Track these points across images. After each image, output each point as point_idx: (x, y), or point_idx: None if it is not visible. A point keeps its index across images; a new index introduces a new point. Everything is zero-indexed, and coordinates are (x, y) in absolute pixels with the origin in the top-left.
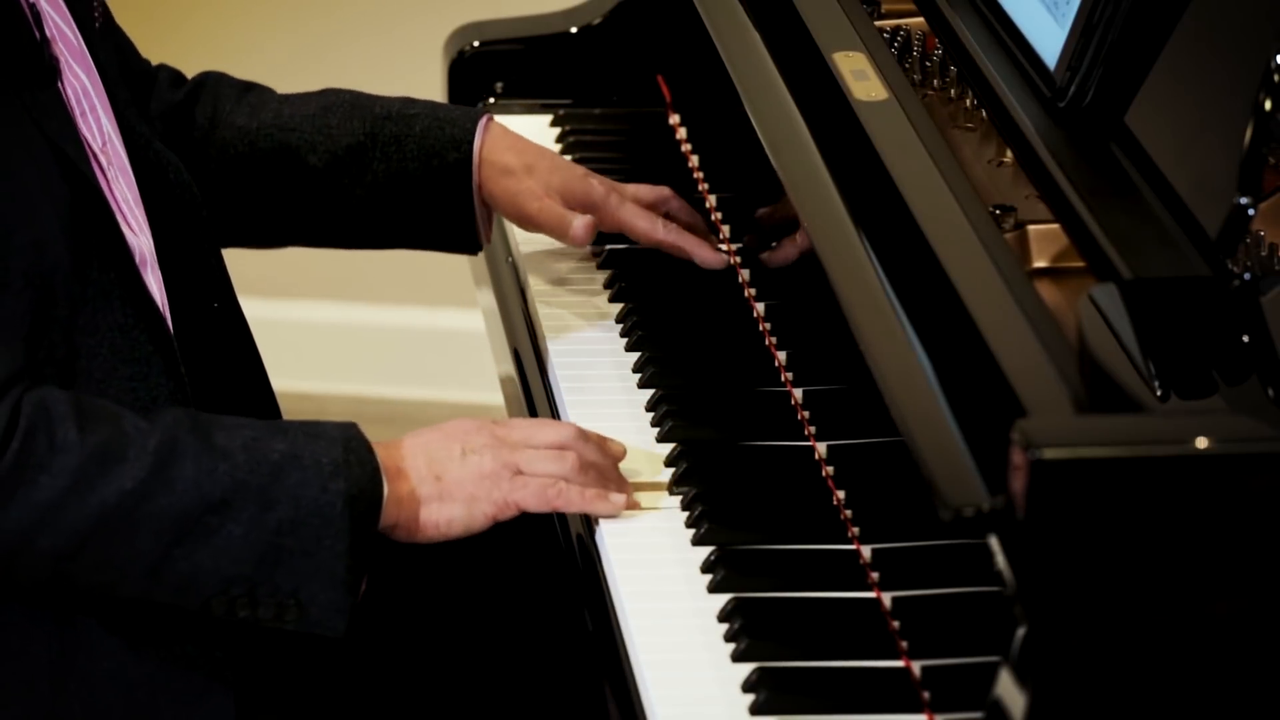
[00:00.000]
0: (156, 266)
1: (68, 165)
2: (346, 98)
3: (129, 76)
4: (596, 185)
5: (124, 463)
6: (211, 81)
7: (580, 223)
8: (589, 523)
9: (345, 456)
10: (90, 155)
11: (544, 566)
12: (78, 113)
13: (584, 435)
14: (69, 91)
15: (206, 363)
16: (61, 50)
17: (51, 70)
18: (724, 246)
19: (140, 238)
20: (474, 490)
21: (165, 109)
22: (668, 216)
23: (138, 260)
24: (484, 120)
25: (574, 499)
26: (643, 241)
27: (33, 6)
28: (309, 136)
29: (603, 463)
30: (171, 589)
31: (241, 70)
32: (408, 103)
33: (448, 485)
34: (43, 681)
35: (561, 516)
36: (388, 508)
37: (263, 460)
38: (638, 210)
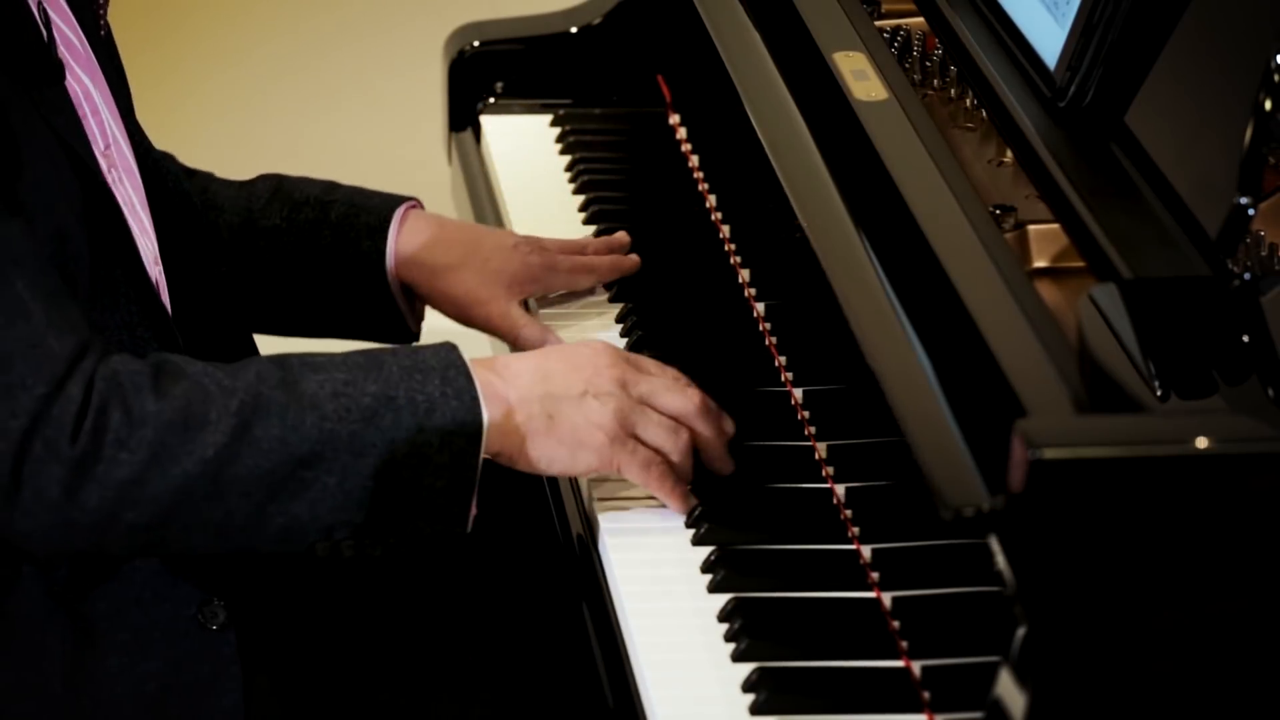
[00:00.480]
0: (161, 269)
1: (77, 162)
2: (271, 184)
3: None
4: (529, 254)
5: (205, 427)
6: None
7: (538, 344)
8: (589, 523)
9: (442, 389)
10: (95, 155)
11: (544, 566)
12: (81, 114)
13: (706, 408)
14: (73, 93)
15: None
16: (67, 54)
17: (58, 68)
18: (726, 248)
19: (144, 239)
20: (585, 437)
21: None
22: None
23: (144, 259)
24: (403, 209)
25: (667, 486)
26: (586, 287)
27: (41, 7)
28: (230, 217)
29: (716, 441)
30: (273, 540)
31: (242, 70)
32: (330, 188)
33: (559, 425)
34: (56, 678)
35: (562, 515)
36: (491, 436)
37: (354, 406)
38: (574, 265)
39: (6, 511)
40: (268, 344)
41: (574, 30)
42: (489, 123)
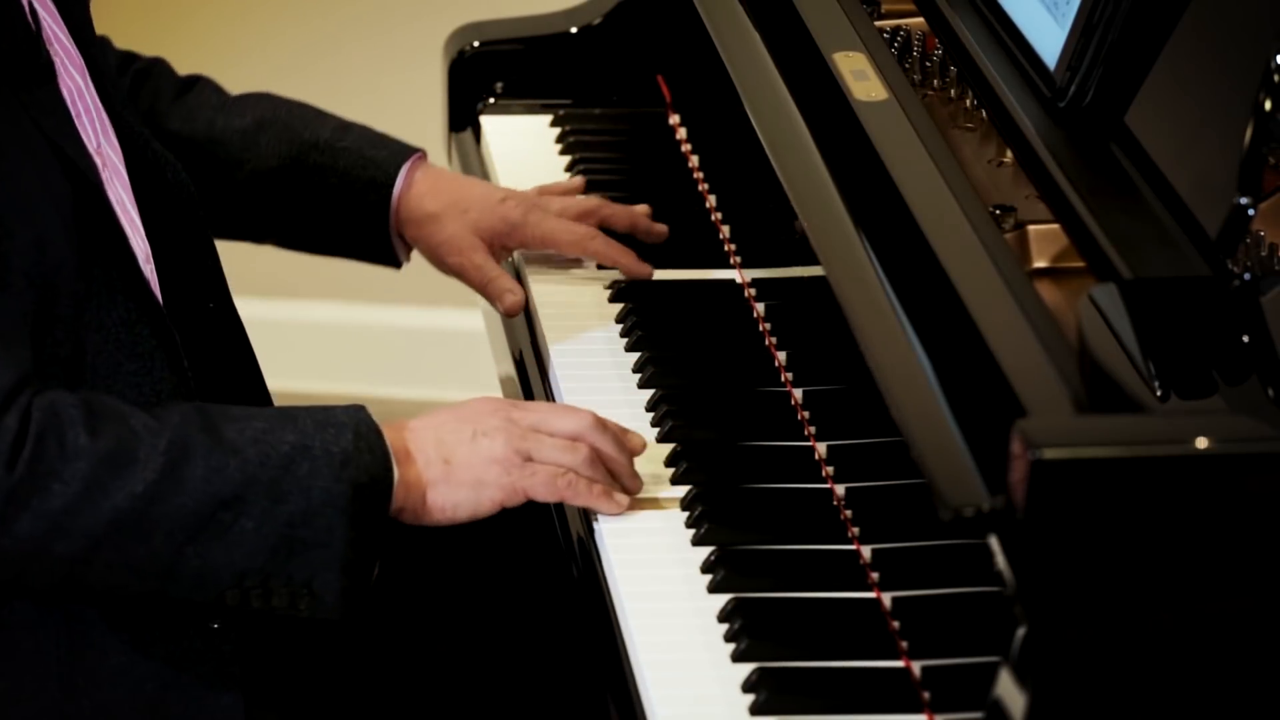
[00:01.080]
0: (153, 266)
1: (68, 163)
2: (282, 115)
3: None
4: (512, 208)
5: (135, 465)
6: (155, 74)
7: (509, 303)
8: (589, 522)
9: (355, 444)
10: (87, 151)
11: (544, 566)
12: (75, 113)
13: (602, 425)
14: (64, 92)
15: (203, 362)
16: (57, 51)
17: (48, 67)
18: (726, 248)
19: (136, 239)
20: (482, 475)
21: None
22: (603, 224)
23: (137, 255)
24: (409, 163)
25: (581, 492)
26: (570, 254)
27: (31, 6)
28: (236, 153)
29: (617, 456)
30: (186, 586)
31: (242, 70)
32: (340, 131)
33: (455, 469)
34: (51, 679)
35: (561, 515)
36: (397, 490)
37: (273, 453)
38: (559, 224)
39: None
40: (274, 329)
41: (574, 30)
42: (489, 123)
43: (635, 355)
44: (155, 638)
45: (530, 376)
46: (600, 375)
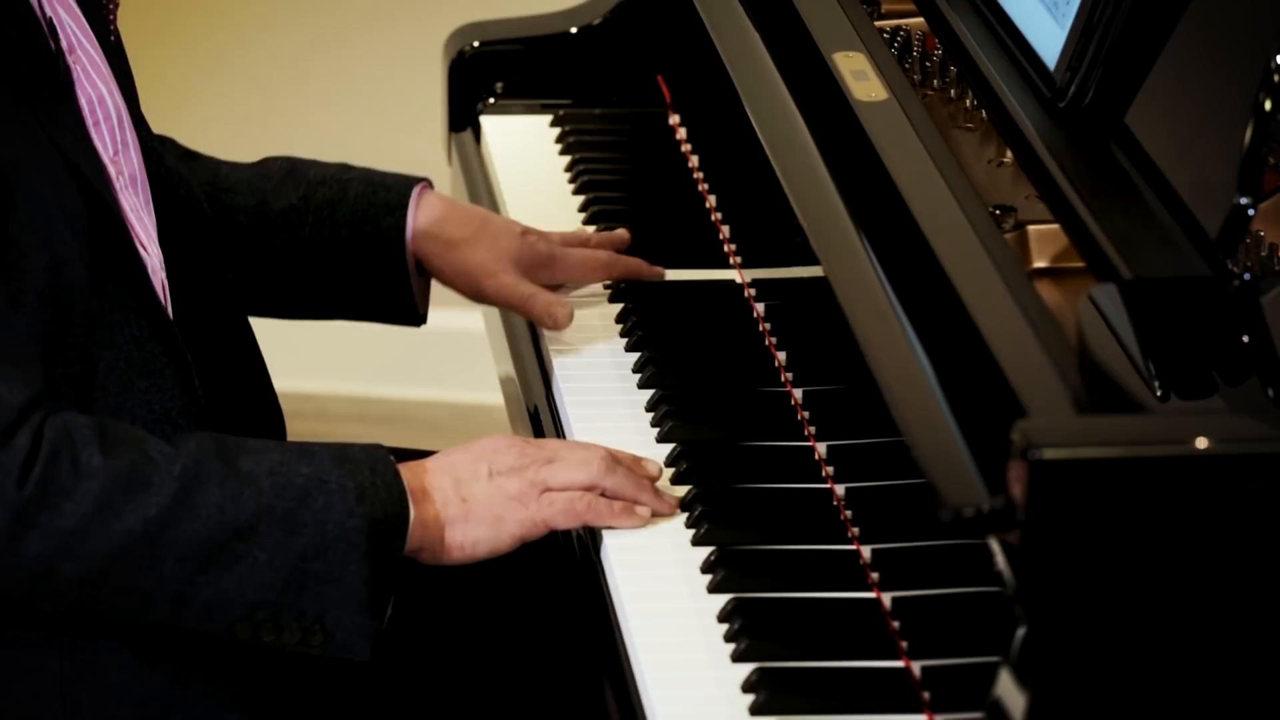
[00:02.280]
0: (164, 275)
1: (83, 181)
2: (283, 165)
3: None
4: (537, 243)
5: (148, 489)
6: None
7: (561, 315)
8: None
9: (371, 480)
10: (103, 166)
11: (544, 566)
12: (90, 123)
13: (614, 457)
14: (83, 101)
15: (213, 372)
16: (80, 58)
17: (66, 85)
18: (726, 248)
19: (150, 247)
20: (500, 511)
21: None
22: (611, 276)
23: (150, 271)
24: (419, 187)
25: (603, 512)
26: (598, 281)
27: (49, 20)
28: (243, 199)
29: (635, 471)
30: (196, 615)
31: (243, 70)
32: (344, 168)
33: (473, 507)
34: (55, 698)
35: None
36: (413, 530)
37: (288, 485)
38: (583, 257)
39: None
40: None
41: (574, 30)
42: (489, 123)
43: (635, 355)
44: (160, 657)
45: (530, 377)
46: (600, 375)
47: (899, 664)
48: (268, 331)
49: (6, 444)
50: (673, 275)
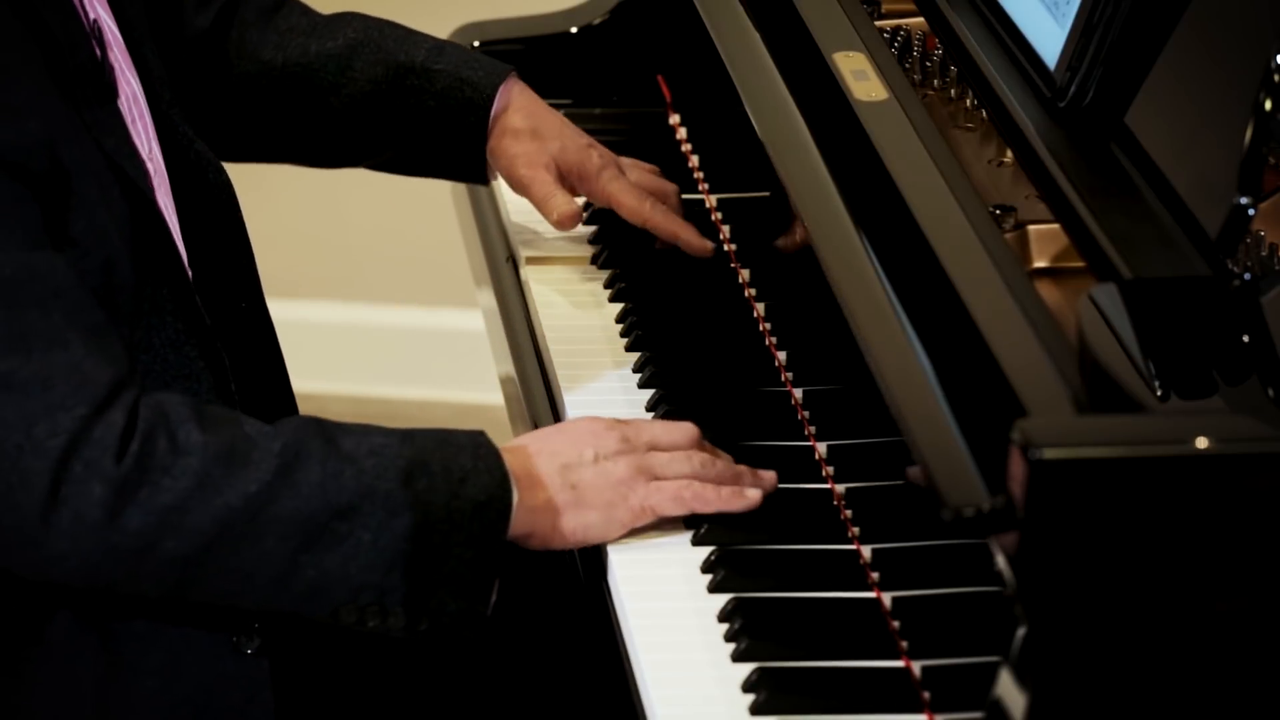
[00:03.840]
0: (190, 275)
1: (127, 183)
2: (374, 36)
3: (153, 4)
4: (595, 157)
5: (248, 465)
6: (241, 2)
7: (562, 212)
8: None
9: (474, 464)
10: (143, 167)
11: (543, 566)
12: (129, 122)
13: (699, 436)
14: (122, 101)
15: (241, 371)
16: (115, 55)
17: (110, 88)
18: (725, 248)
19: (179, 245)
20: (611, 497)
21: (192, 36)
22: (650, 226)
23: (186, 269)
24: (505, 84)
25: (710, 498)
26: (629, 219)
27: (94, 22)
28: (332, 78)
29: (723, 462)
30: (300, 597)
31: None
32: (434, 53)
33: (584, 493)
34: (87, 701)
35: None
36: (520, 516)
37: (390, 466)
38: (628, 187)
39: (42, 532)
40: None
41: (574, 30)
42: None
43: (635, 355)
44: (190, 661)
45: (530, 376)
46: (600, 375)
47: (899, 664)
48: None
49: (100, 419)
50: (672, 275)
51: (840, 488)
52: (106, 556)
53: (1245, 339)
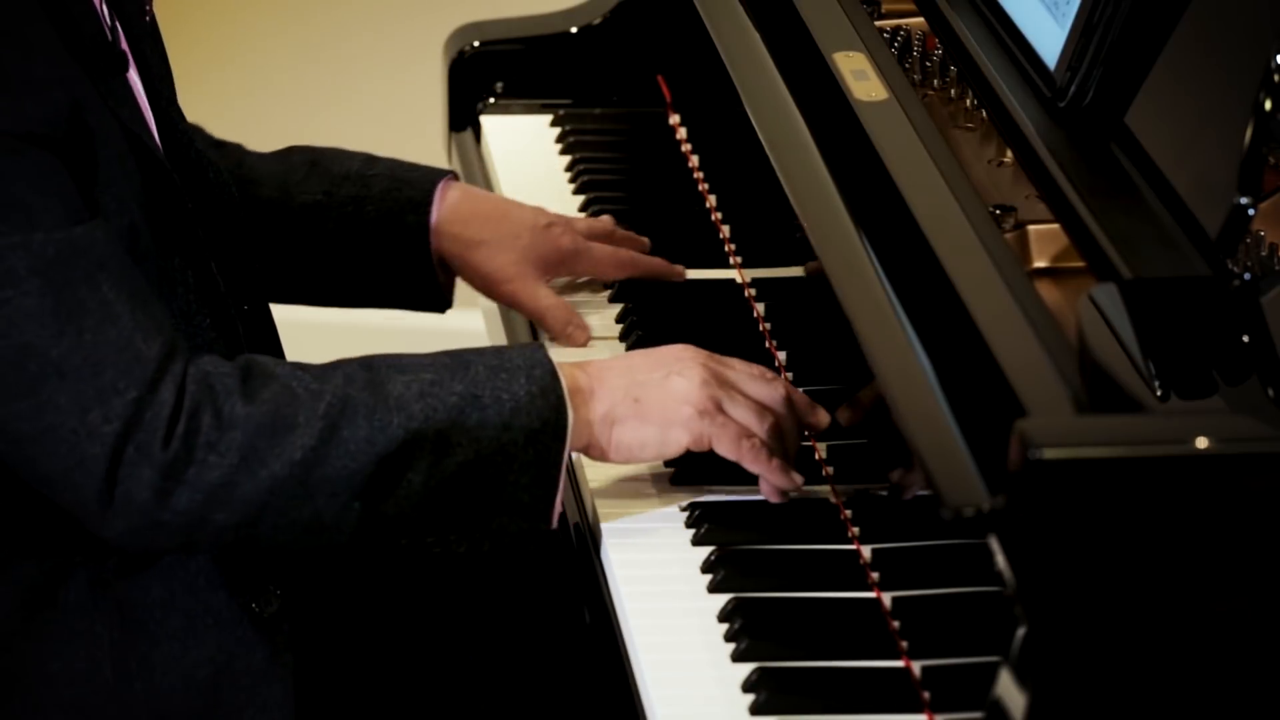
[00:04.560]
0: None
1: (143, 152)
2: (307, 157)
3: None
4: (559, 237)
5: (293, 430)
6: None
7: (578, 340)
8: (590, 523)
9: (529, 388)
10: (158, 142)
11: (544, 566)
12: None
13: (791, 400)
14: (131, 82)
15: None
16: (121, 39)
17: (123, 57)
18: (726, 248)
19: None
20: (673, 415)
21: None
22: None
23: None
24: (443, 183)
25: (762, 459)
26: (614, 278)
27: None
28: (267, 191)
29: (796, 437)
30: (360, 539)
31: (242, 69)
32: (368, 162)
33: (646, 407)
34: (105, 662)
35: (562, 516)
36: (578, 429)
37: (440, 406)
38: (603, 256)
39: (98, 511)
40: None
41: (574, 30)
42: (489, 123)
43: None
44: (208, 625)
45: None
46: None
47: (899, 664)
48: None
49: (151, 400)
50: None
51: (840, 488)
52: (159, 532)
53: (1245, 339)
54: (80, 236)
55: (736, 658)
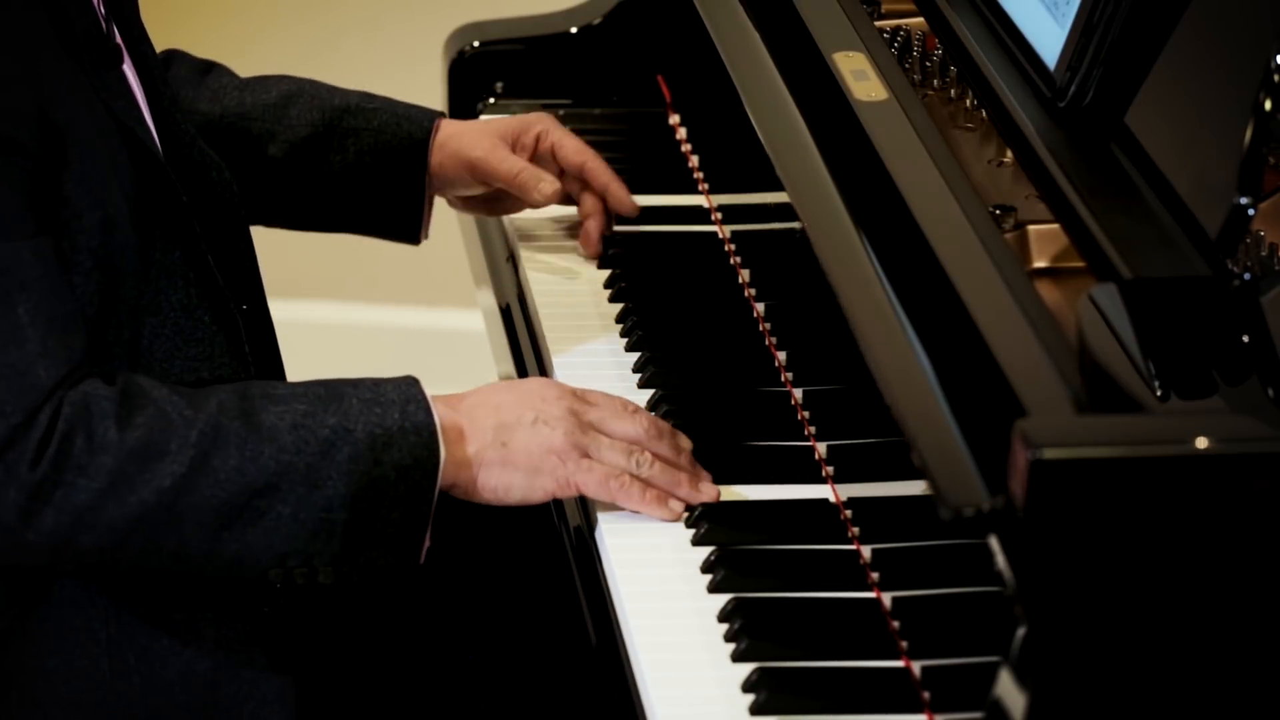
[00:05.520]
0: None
1: (136, 145)
2: (307, 87)
3: None
4: (532, 119)
5: (164, 458)
6: (175, 61)
7: (545, 193)
8: (590, 523)
9: (400, 424)
10: (151, 132)
11: (544, 566)
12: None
13: (658, 431)
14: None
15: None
16: (115, 34)
17: (117, 51)
18: (726, 248)
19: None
20: (539, 462)
21: None
22: (586, 174)
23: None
24: (440, 120)
25: (635, 496)
26: (570, 158)
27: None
28: (269, 126)
29: (676, 461)
30: (224, 568)
31: (242, 70)
32: (367, 97)
33: (512, 452)
34: (101, 657)
35: (561, 514)
36: (446, 469)
37: (311, 438)
38: (569, 136)
39: None
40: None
41: (574, 30)
42: None
43: (635, 355)
44: (207, 619)
45: (530, 376)
46: (600, 375)
47: (899, 664)
48: None
49: (29, 425)
50: (672, 275)
51: (840, 488)
52: (23, 552)
53: (1245, 339)
54: (6, 253)
55: (736, 658)
